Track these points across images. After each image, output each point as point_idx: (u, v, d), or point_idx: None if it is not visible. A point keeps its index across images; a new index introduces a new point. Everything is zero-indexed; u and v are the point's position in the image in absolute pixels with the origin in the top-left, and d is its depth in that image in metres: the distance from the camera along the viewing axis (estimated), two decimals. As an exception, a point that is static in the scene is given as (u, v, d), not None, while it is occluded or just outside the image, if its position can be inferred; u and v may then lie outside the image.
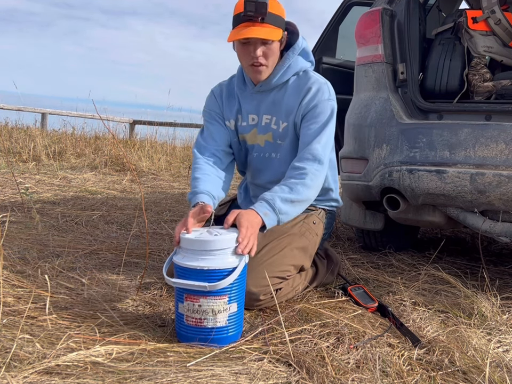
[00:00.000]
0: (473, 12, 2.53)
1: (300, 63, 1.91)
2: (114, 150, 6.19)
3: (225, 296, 1.42)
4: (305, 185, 1.74)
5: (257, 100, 1.94)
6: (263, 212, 1.64)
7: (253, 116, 1.96)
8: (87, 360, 1.24)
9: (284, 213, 1.68)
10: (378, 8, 2.42)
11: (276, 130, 1.92)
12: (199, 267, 1.41)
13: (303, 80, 1.90)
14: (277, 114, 1.91)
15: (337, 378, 1.28)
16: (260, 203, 1.68)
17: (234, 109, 1.98)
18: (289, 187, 1.72)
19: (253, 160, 2.02)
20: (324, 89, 1.87)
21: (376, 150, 2.29)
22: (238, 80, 1.99)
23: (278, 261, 1.75)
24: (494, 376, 1.36)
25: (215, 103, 2.02)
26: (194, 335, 1.43)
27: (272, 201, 1.67)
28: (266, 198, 1.68)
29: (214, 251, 1.43)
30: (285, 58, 1.88)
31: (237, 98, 1.99)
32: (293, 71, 1.89)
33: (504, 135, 2.01)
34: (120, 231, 2.91)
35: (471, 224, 2.17)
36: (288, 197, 1.70)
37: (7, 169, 4.77)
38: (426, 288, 2.12)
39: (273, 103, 1.92)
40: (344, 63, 3.29)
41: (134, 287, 1.90)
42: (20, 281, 1.81)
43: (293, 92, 1.89)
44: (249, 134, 1.98)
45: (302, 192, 1.73)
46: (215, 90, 2.05)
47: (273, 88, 1.91)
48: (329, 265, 2.09)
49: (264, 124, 1.94)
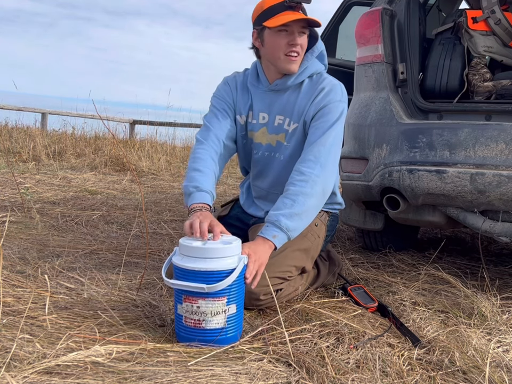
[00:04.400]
0: (473, 12, 2.53)
1: (316, 65, 1.91)
2: (114, 150, 6.19)
3: (223, 297, 1.42)
4: (306, 195, 1.70)
5: (270, 99, 1.93)
6: (272, 235, 1.64)
7: (263, 115, 1.94)
8: (87, 360, 1.24)
9: (292, 230, 1.67)
10: (378, 8, 2.42)
11: (288, 131, 1.92)
12: (197, 268, 1.41)
13: (317, 81, 1.90)
14: (290, 115, 1.90)
15: (337, 378, 1.28)
16: (267, 227, 1.66)
17: (247, 104, 1.96)
18: (291, 200, 1.69)
19: (257, 159, 2.01)
20: (336, 90, 1.87)
21: (376, 150, 2.29)
22: (251, 76, 1.97)
23: (279, 261, 1.74)
24: (494, 376, 1.36)
25: (229, 92, 1.98)
26: (193, 336, 1.42)
27: (278, 222, 1.65)
28: (272, 220, 1.67)
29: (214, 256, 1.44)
30: (304, 59, 1.88)
31: (249, 93, 1.97)
32: (308, 72, 1.89)
33: (504, 135, 2.01)
34: (120, 231, 2.91)
35: (471, 224, 2.17)
36: (292, 212, 1.67)
37: (7, 169, 4.77)
38: (426, 288, 2.12)
39: (286, 104, 1.91)
40: (344, 63, 3.29)
41: (134, 287, 1.90)
42: (19, 281, 1.81)
43: (306, 93, 1.89)
44: (258, 133, 1.96)
45: (304, 202, 1.69)
46: (230, 81, 2.01)
47: (288, 88, 1.90)
48: (331, 267, 2.09)
49: (277, 124, 1.93)
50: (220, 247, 1.45)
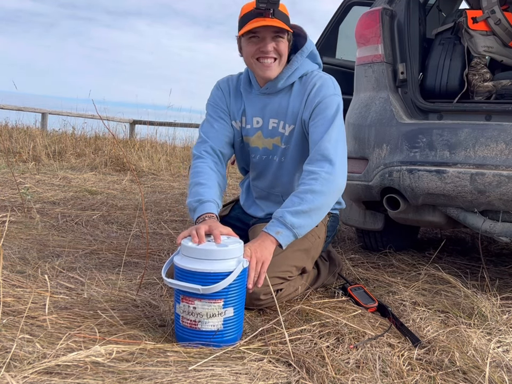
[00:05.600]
0: (473, 12, 2.53)
1: (307, 65, 1.89)
2: (114, 150, 6.19)
3: (220, 300, 1.41)
4: (315, 192, 1.68)
5: (263, 103, 1.92)
6: (275, 231, 1.64)
7: (257, 119, 1.94)
8: (87, 360, 1.24)
9: (298, 227, 1.65)
10: (378, 8, 2.42)
11: (283, 134, 1.91)
12: (195, 269, 1.41)
13: (306, 80, 1.88)
14: (283, 118, 1.89)
15: (337, 378, 1.28)
16: (271, 223, 1.67)
17: (240, 109, 1.96)
18: (299, 198, 1.68)
19: (256, 162, 2.01)
20: (328, 84, 1.85)
21: (376, 150, 2.29)
22: (244, 81, 1.96)
23: (279, 261, 1.74)
24: (494, 376, 1.36)
25: (222, 98, 1.98)
26: (189, 337, 1.42)
27: (282, 218, 1.65)
28: (276, 216, 1.67)
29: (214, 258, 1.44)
30: (293, 61, 1.86)
31: (242, 99, 1.96)
32: (299, 73, 1.88)
33: (504, 135, 2.01)
34: (120, 231, 2.91)
35: (471, 224, 2.17)
36: (298, 209, 1.65)
37: (7, 169, 4.77)
38: (426, 288, 2.12)
39: (279, 106, 1.90)
40: (344, 63, 3.29)
41: (134, 287, 1.90)
42: (19, 281, 1.81)
43: (298, 93, 1.88)
44: (254, 137, 1.96)
45: (313, 200, 1.67)
46: (222, 86, 2.00)
47: (279, 91, 1.89)
48: (331, 267, 2.09)
49: (271, 128, 1.92)
50: (219, 249, 1.45)
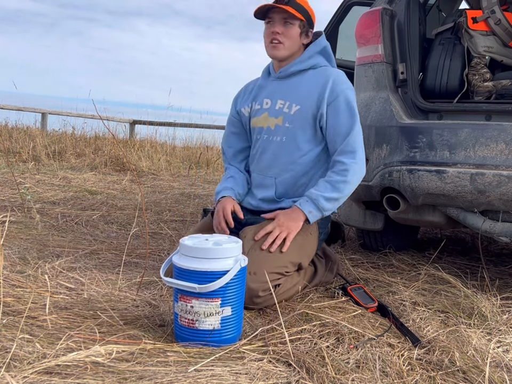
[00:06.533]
0: (473, 11, 2.53)
1: (321, 61, 2.04)
2: (114, 150, 6.19)
3: (217, 299, 1.41)
4: (347, 182, 1.87)
5: (275, 86, 2.06)
6: (308, 210, 1.84)
7: (267, 100, 2.06)
8: (87, 360, 1.24)
9: (327, 210, 1.87)
10: (378, 8, 2.42)
11: (287, 114, 1.99)
12: (192, 268, 1.41)
13: (325, 70, 2.01)
14: (290, 99, 2.00)
15: (337, 378, 1.28)
16: (306, 202, 1.84)
17: (250, 96, 2.12)
18: (332, 185, 1.86)
19: (257, 143, 2.08)
20: (345, 79, 1.99)
21: (376, 150, 2.29)
22: (264, 72, 2.13)
23: (275, 257, 1.77)
24: (494, 376, 1.36)
25: (236, 103, 2.18)
26: (187, 336, 1.43)
27: (317, 201, 1.84)
28: (312, 197, 1.85)
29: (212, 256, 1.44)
30: (307, 50, 2.03)
31: (256, 88, 2.12)
32: (312, 62, 2.02)
33: (504, 135, 2.01)
34: (120, 231, 2.91)
35: (471, 224, 2.17)
36: (332, 196, 1.85)
37: (7, 169, 4.76)
38: (426, 288, 2.12)
39: (289, 88, 2.02)
40: (344, 63, 3.28)
41: (134, 287, 1.90)
42: (19, 281, 1.81)
43: (311, 79, 1.99)
44: (260, 117, 2.06)
45: (344, 189, 1.88)
46: (246, 86, 2.20)
47: (290, 75, 2.03)
48: (327, 263, 2.10)
49: (277, 108, 2.02)
50: (216, 247, 1.45)
